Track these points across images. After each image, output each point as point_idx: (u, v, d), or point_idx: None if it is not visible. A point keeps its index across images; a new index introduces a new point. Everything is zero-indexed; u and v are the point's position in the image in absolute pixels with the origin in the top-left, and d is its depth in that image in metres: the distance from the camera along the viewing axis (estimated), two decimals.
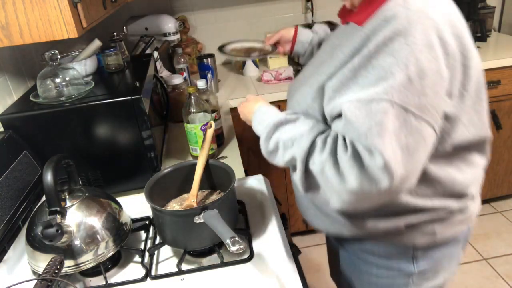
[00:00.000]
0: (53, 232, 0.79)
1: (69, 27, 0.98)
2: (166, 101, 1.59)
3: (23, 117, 1.10)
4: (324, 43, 1.06)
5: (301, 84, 0.97)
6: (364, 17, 0.82)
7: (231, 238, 0.76)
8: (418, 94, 0.72)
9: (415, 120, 0.72)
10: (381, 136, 0.70)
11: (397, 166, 0.70)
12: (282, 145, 0.85)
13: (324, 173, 0.77)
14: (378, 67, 0.73)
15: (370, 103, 0.72)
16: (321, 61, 0.92)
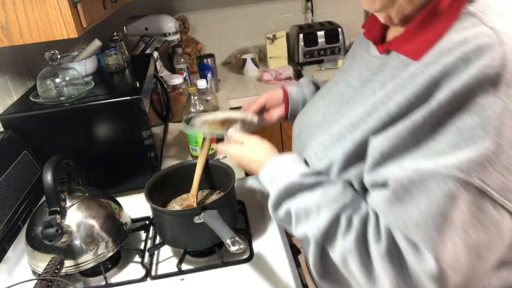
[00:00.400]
0: (53, 232, 0.79)
1: (69, 27, 0.98)
2: (166, 101, 1.59)
3: (23, 117, 1.10)
4: (343, 73, 0.81)
5: (319, 129, 0.75)
6: (422, 48, 0.58)
7: (231, 238, 0.76)
8: (504, 171, 0.50)
9: (493, 208, 0.51)
10: (441, 232, 0.51)
11: (455, 275, 0.51)
12: (294, 215, 0.65)
13: (347, 266, 0.59)
14: (454, 129, 0.52)
15: (433, 179, 0.51)
16: (347, 99, 0.72)
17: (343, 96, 0.74)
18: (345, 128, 0.65)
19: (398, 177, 0.54)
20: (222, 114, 1.01)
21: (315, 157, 0.70)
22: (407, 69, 0.59)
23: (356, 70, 0.74)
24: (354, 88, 0.72)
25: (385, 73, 0.64)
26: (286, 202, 0.67)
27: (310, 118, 0.83)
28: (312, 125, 0.80)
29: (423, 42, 0.59)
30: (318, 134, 0.75)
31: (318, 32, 2.23)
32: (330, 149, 0.67)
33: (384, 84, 0.63)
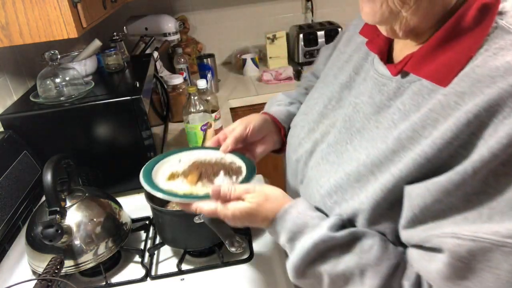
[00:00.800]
0: (53, 232, 0.79)
1: (69, 27, 0.98)
2: (166, 101, 1.59)
3: (23, 117, 1.10)
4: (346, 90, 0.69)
5: (326, 161, 0.64)
6: (448, 71, 0.49)
7: (231, 238, 0.76)
8: None
9: None
10: None
11: None
12: (329, 280, 0.55)
13: None
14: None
15: (498, 250, 0.43)
16: (358, 128, 0.61)
17: (352, 123, 0.63)
18: (365, 168, 0.56)
19: (455, 250, 0.45)
20: (190, 155, 0.79)
21: (330, 199, 0.60)
22: (433, 96, 0.51)
23: (366, 92, 0.63)
24: (366, 114, 0.61)
25: (404, 99, 0.55)
26: (316, 265, 0.55)
27: (312, 142, 0.71)
28: (316, 154, 0.69)
29: (448, 64, 0.50)
30: (326, 167, 0.64)
31: (318, 32, 2.23)
32: (349, 192, 0.58)
33: (406, 114, 0.54)
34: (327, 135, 0.68)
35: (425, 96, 0.52)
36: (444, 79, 0.50)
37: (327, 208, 0.61)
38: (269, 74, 2.15)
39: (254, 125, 0.80)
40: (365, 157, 0.57)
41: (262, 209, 0.62)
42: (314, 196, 0.64)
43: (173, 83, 1.69)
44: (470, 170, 0.45)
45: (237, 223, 0.65)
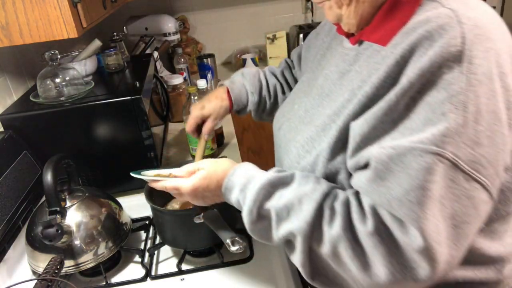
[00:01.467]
0: (53, 232, 0.79)
1: (69, 27, 0.98)
2: (166, 101, 1.59)
3: (23, 117, 1.10)
4: (319, 68, 0.83)
5: (302, 122, 0.77)
6: (388, 34, 0.62)
7: (231, 238, 0.76)
8: (472, 143, 0.53)
9: (465, 181, 0.53)
10: (423, 205, 0.52)
11: (441, 248, 0.53)
12: (275, 215, 0.62)
13: (338, 256, 0.58)
14: (425, 105, 0.54)
15: (408, 155, 0.53)
16: (327, 92, 0.73)
17: (323, 90, 0.75)
18: (328, 118, 0.67)
19: (378, 156, 0.56)
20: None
21: (302, 149, 0.71)
22: (376, 54, 0.63)
23: (333, 64, 0.75)
24: (333, 80, 0.73)
25: (360, 62, 0.67)
26: (265, 204, 0.63)
27: (292, 113, 0.83)
28: (294, 120, 0.81)
29: (390, 29, 0.62)
30: (301, 127, 0.76)
31: None
32: (317, 140, 0.68)
33: (360, 72, 0.65)
34: (304, 104, 0.81)
35: (374, 56, 0.63)
36: (385, 41, 0.62)
37: (300, 157, 0.71)
38: None
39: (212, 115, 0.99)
40: (329, 110, 0.68)
41: (214, 173, 0.71)
42: (291, 151, 0.75)
43: (173, 83, 1.69)
44: (393, 97, 0.56)
45: (198, 195, 0.73)
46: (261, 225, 0.65)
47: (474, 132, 0.53)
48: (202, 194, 0.73)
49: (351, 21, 0.68)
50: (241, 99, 1.03)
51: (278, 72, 1.12)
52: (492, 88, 0.54)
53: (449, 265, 0.55)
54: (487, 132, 0.54)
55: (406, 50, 0.56)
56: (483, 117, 0.53)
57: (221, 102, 1.00)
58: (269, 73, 1.11)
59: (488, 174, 0.54)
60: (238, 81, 1.04)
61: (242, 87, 1.03)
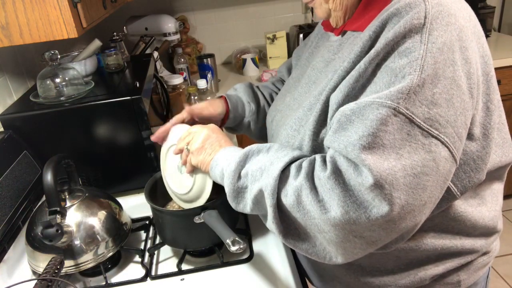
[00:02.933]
0: (53, 232, 0.79)
1: (69, 27, 0.98)
2: (166, 101, 1.59)
3: (23, 117, 1.10)
4: (307, 63, 0.90)
5: (291, 108, 0.83)
6: (367, 21, 0.69)
7: (231, 238, 0.76)
8: (428, 103, 0.58)
9: (422, 135, 0.58)
10: (372, 149, 0.57)
11: (395, 190, 0.56)
12: (251, 177, 0.68)
13: (301, 204, 0.62)
14: (388, 70, 0.61)
15: (366, 108, 0.59)
16: (313, 80, 0.80)
17: (310, 78, 0.82)
18: (314, 98, 0.74)
19: (343, 110, 0.62)
20: None
21: (291, 129, 0.77)
22: (355, 40, 0.70)
23: (319, 55, 0.83)
24: (319, 69, 0.80)
25: (343, 50, 0.74)
26: (244, 167, 0.70)
27: (283, 105, 0.88)
28: (285, 109, 0.86)
29: (368, 17, 0.70)
30: (290, 113, 0.81)
31: None
32: (304, 119, 0.74)
33: (339, 56, 0.74)
34: (292, 95, 0.86)
35: (355, 42, 0.71)
36: (364, 27, 0.69)
37: (289, 137, 0.77)
38: (269, 74, 2.15)
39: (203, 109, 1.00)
40: (315, 92, 0.74)
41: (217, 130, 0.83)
42: (281, 134, 0.80)
43: (173, 83, 1.69)
44: (362, 65, 0.63)
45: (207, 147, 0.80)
46: (239, 189, 0.70)
47: (430, 93, 0.58)
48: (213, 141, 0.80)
49: (338, 14, 0.76)
50: (238, 107, 1.03)
51: (269, 84, 1.15)
52: (451, 57, 0.60)
53: (406, 211, 0.58)
54: (444, 94, 0.59)
55: (378, 26, 0.64)
56: (440, 81, 0.59)
57: (212, 106, 1.00)
58: (261, 86, 1.13)
59: (447, 132, 0.59)
60: (232, 93, 1.07)
61: (238, 98, 1.05)
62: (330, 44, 0.81)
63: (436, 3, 0.61)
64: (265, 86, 1.13)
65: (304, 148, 0.72)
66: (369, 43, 0.65)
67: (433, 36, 0.59)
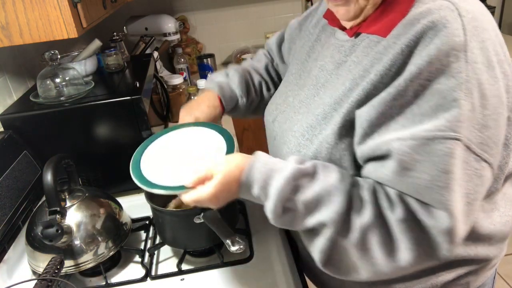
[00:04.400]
0: (53, 232, 0.79)
1: (69, 27, 0.98)
2: (166, 101, 1.59)
3: (23, 117, 1.10)
4: (308, 58, 0.84)
5: (298, 112, 0.78)
6: (388, 25, 0.64)
7: (231, 238, 0.76)
8: (480, 127, 0.57)
9: (476, 161, 0.57)
10: (449, 188, 0.55)
11: (461, 225, 0.56)
12: (303, 208, 0.63)
13: (366, 243, 0.59)
14: (434, 92, 0.57)
15: (430, 143, 0.55)
16: (323, 82, 0.75)
17: (318, 80, 0.76)
18: (329, 107, 0.69)
19: (400, 148, 0.57)
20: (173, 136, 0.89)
21: (302, 138, 0.73)
22: (378, 45, 0.64)
23: (328, 55, 0.77)
24: (328, 71, 0.75)
25: (357, 53, 0.69)
26: (291, 199, 0.62)
27: (285, 105, 0.84)
28: (289, 111, 0.81)
29: (389, 21, 0.64)
30: (298, 117, 0.77)
31: None
32: (318, 129, 0.70)
33: (359, 62, 0.67)
34: (298, 96, 0.81)
35: (373, 47, 0.66)
36: (385, 32, 0.64)
37: (301, 146, 0.72)
38: None
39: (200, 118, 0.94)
40: (329, 99, 0.70)
41: (231, 174, 0.67)
42: (290, 141, 0.76)
43: (173, 83, 1.69)
44: (402, 83, 0.58)
45: (220, 200, 0.70)
46: (287, 217, 0.65)
47: (481, 116, 0.57)
48: (223, 197, 0.70)
49: (369, 11, 0.69)
50: (232, 104, 1.00)
51: (261, 68, 1.08)
52: (493, 74, 0.58)
53: (460, 240, 0.58)
54: (493, 115, 0.58)
55: (411, 40, 0.59)
56: (489, 101, 0.57)
57: (215, 111, 0.96)
58: (253, 71, 1.06)
59: (493, 153, 0.59)
60: (226, 86, 0.99)
61: (231, 92, 0.99)
62: (340, 43, 0.75)
63: (471, 18, 0.58)
64: (256, 72, 1.06)
65: (319, 160, 0.69)
66: (401, 57, 0.60)
67: (475, 55, 0.57)
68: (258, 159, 0.68)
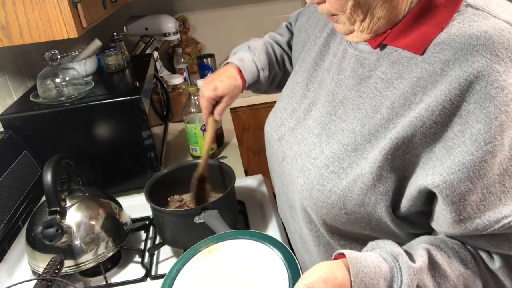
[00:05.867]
0: (53, 232, 0.79)
1: (69, 27, 0.98)
2: (166, 101, 1.59)
3: (23, 117, 1.10)
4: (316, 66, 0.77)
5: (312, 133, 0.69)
6: (421, 41, 0.57)
7: None
8: None
9: None
10: None
11: None
12: None
13: None
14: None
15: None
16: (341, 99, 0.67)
17: (335, 96, 0.68)
18: (361, 137, 0.61)
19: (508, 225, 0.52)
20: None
21: (326, 169, 0.64)
22: (413, 64, 0.57)
23: (347, 68, 0.69)
24: (348, 86, 0.67)
25: (384, 68, 0.62)
26: None
27: (293, 121, 0.76)
28: (300, 130, 0.74)
29: (421, 35, 0.57)
30: (314, 140, 0.69)
31: None
32: (346, 161, 0.62)
33: (388, 81, 0.60)
34: (309, 113, 0.74)
35: (405, 64, 0.59)
36: (419, 48, 0.57)
37: (324, 179, 0.64)
38: None
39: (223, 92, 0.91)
40: (360, 128, 0.62)
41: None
42: (309, 170, 0.67)
43: (173, 83, 1.69)
44: (487, 138, 0.49)
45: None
46: None
47: None
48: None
49: (364, 36, 0.64)
50: (253, 77, 0.96)
51: (283, 42, 1.05)
52: None
53: None
54: None
55: (471, 73, 0.51)
56: None
57: (234, 82, 0.92)
58: (275, 44, 1.04)
59: None
60: (247, 58, 0.96)
61: (252, 64, 0.96)
62: (362, 55, 0.66)
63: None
64: (278, 45, 1.04)
65: (350, 200, 0.61)
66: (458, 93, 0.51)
67: None
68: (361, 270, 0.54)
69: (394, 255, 0.56)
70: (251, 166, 2.19)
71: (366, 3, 0.58)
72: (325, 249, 0.75)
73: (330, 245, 0.74)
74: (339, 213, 0.64)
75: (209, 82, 0.93)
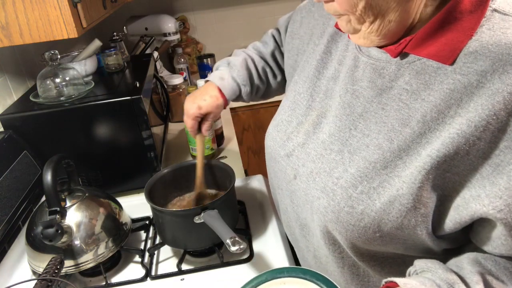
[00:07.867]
0: (53, 232, 0.79)
1: (69, 27, 0.98)
2: (166, 101, 1.59)
3: (23, 117, 1.10)
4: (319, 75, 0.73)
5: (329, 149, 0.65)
6: (448, 49, 0.53)
7: (231, 238, 0.76)
8: None
9: None
10: None
11: None
12: None
13: None
14: None
15: None
16: (359, 112, 0.63)
17: (353, 109, 0.64)
18: (391, 153, 0.58)
19: None
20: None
21: (354, 190, 0.60)
22: (441, 74, 0.54)
23: (364, 78, 0.64)
24: (367, 98, 0.62)
25: (407, 78, 0.58)
26: None
27: (301, 135, 0.72)
28: (314, 145, 0.68)
29: (450, 43, 0.53)
30: (334, 158, 0.64)
31: None
32: (377, 180, 0.58)
33: (414, 92, 0.57)
34: (319, 125, 0.69)
35: (432, 74, 0.55)
36: (448, 57, 0.53)
37: (353, 200, 0.60)
38: None
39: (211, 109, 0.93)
40: (388, 143, 0.58)
41: None
42: (333, 191, 0.62)
43: (173, 83, 1.69)
44: None
45: None
46: None
47: None
48: None
49: (372, 38, 0.60)
50: (235, 93, 0.96)
51: (267, 54, 1.01)
52: None
53: None
54: None
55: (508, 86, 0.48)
56: None
57: (217, 101, 0.94)
58: (257, 58, 1.00)
59: None
60: (227, 76, 0.95)
61: (232, 81, 0.95)
62: (379, 64, 0.62)
63: None
64: (260, 58, 1.01)
65: (388, 225, 0.58)
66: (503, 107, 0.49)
67: None
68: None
69: (450, 283, 0.54)
70: (251, 166, 2.19)
71: (378, 6, 0.55)
72: (350, 270, 0.71)
73: (355, 265, 0.70)
74: (373, 236, 0.60)
75: (192, 101, 0.95)
